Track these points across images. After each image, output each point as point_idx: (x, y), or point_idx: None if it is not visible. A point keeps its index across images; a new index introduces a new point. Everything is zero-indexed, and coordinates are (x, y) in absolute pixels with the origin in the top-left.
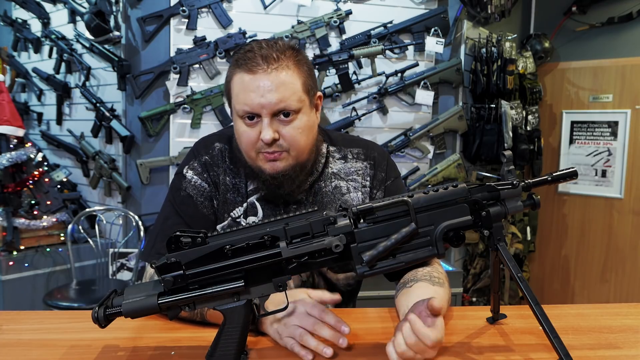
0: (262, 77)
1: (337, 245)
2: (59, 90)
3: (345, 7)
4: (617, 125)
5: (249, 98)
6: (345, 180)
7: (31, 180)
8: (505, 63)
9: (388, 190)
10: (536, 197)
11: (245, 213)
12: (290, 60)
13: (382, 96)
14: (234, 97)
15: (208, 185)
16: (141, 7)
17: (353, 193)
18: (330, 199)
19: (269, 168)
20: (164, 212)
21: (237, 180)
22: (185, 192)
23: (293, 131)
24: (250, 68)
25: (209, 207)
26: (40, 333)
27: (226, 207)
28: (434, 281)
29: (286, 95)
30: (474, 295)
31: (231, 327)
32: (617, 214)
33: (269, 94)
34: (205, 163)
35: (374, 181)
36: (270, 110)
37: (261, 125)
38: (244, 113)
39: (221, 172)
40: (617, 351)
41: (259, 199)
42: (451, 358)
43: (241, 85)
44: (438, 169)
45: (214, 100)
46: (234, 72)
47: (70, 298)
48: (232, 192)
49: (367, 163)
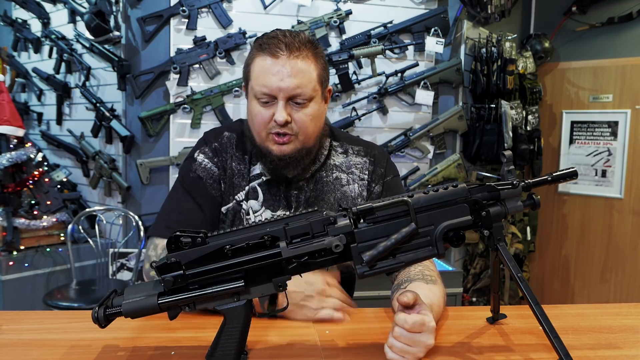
0: (283, 62)
1: (337, 245)
2: (59, 90)
3: (345, 7)
4: (617, 125)
5: (269, 80)
6: (346, 172)
7: (31, 180)
8: (505, 63)
9: (387, 185)
10: (536, 197)
11: (247, 196)
12: (310, 52)
13: (382, 96)
14: (254, 78)
15: (217, 169)
16: (141, 7)
17: (352, 185)
18: (330, 189)
19: (276, 149)
20: (173, 192)
21: (242, 167)
22: (195, 174)
23: (304, 117)
24: (273, 53)
25: (217, 190)
26: (40, 333)
27: (232, 190)
28: (427, 279)
29: (303, 83)
30: (474, 295)
31: (231, 327)
32: (617, 214)
33: (288, 78)
34: (215, 149)
35: (372, 175)
36: (287, 94)
37: (275, 108)
38: (262, 94)
39: (229, 158)
40: (617, 351)
41: (261, 184)
42: (451, 358)
43: (262, 67)
44: (438, 169)
45: (214, 100)
46: (256, 55)
47: (70, 298)
48: (237, 176)
49: (367, 159)
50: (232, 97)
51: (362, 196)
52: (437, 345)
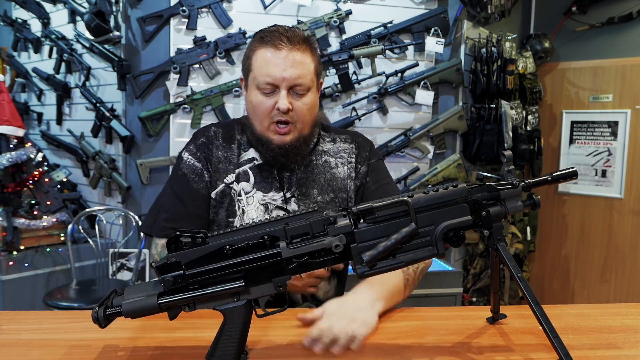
0: (285, 54)
1: (337, 245)
2: (59, 90)
3: (345, 7)
4: (617, 125)
5: (272, 70)
6: (334, 157)
7: (31, 180)
8: (505, 63)
9: (372, 167)
10: (536, 197)
11: (237, 178)
12: (307, 46)
13: (382, 96)
14: (256, 69)
15: (200, 163)
16: (141, 7)
17: (340, 168)
18: (320, 170)
19: (277, 139)
20: (165, 192)
21: (229, 154)
22: (181, 172)
23: (302, 106)
24: (276, 45)
25: (198, 182)
26: (40, 333)
27: (218, 175)
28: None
29: (303, 73)
30: (474, 295)
31: (231, 327)
32: (617, 214)
33: (290, 68)
34: (201, 144)
35: (358, 158)
36: (289, 83)
37: (277, 97)
38: (265, 84)
39: (214, 148)
40: (617, 351)
41: (252, 167)
42: (451, 358)
43: (265, 58)
44: (438, 169)
45: (214, 100)
46: (258, 47)
47: (70, 298)
48: (223, 162)
49: (352, 145)
50: (232, 97)
51: (350, 177)
52: (437, 345)
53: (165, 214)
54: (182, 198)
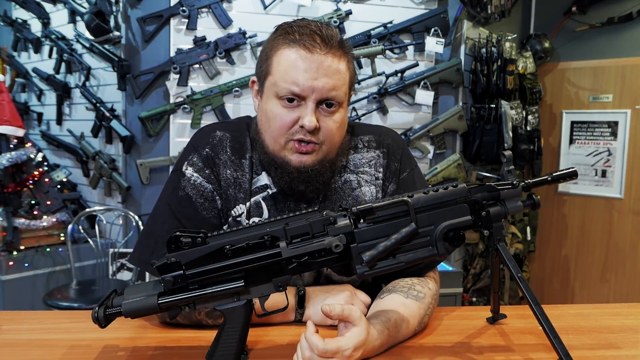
0: (320, 59)
1: (337, 245)
2: (59, 90)
3: (345, 7)
4: (617, 125)
5: (300, 77)
6: (355, 173)
7: (31, 180)
8: (505, 63)
9: (402, 184)
10: (536, 197)
11: (249, 213)
12: (343, 51)
13: (382, 96)
14: (279, 73)
15: (210, 184)
16: (141, 7)
17: (365, 187)
18: (339, 197)
19: (295, 160)
20: (160, 215)
21: (239, 174)
22: (183, 192)
23: (332, 124)
24: (307, 45)
25: (209, 209)
26: (40, 333)
27: (228, 204)
28: (410, 294)
29: (338, 85)
30: (474, 295)
31: (231, 327)
32: (617, 214)
33: (324, 77)
34: (207, 156)
35: (387, 172)
36: (320, 95)
37: (301, 110)
38: (288, 93)
39: (221, 165)
40: (617, 351)
41: (266, 198)
42: (451, 358)
43: (292, 61)
44: (438, 169)
45: (214, 100)
46: (282, 46)
47: (70, 298)
48: (233, 187)
49: (379, 152)
50: (232, 97)
51: (378, 200)
52: (437, 345)
53: None
54: (187, 227)
